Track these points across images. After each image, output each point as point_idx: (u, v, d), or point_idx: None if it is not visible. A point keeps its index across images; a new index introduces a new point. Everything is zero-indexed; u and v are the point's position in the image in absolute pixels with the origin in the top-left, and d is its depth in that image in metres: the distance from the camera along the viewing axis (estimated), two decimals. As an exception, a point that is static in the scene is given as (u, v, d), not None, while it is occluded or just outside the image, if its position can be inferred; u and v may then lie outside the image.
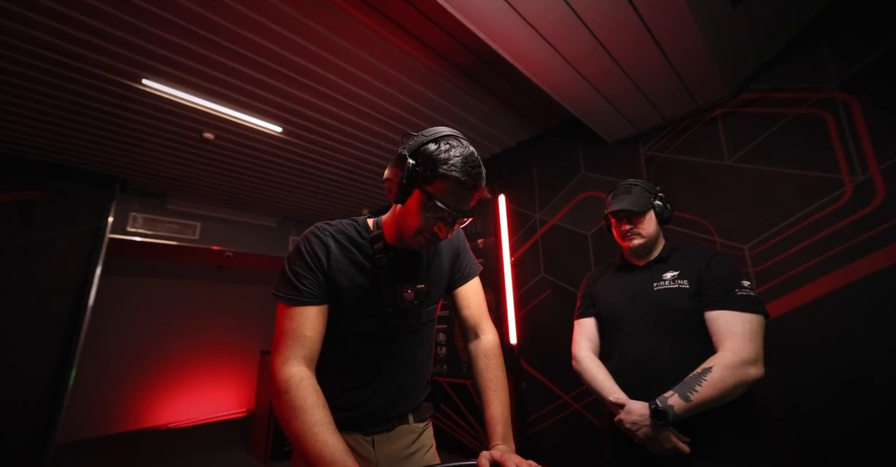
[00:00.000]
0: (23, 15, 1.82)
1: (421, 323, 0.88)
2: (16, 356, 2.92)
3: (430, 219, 0.75)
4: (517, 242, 3.13)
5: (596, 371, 1.10)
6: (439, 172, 0.71)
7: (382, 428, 0.84)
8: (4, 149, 3.06)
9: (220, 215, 4.26)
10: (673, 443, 0.90)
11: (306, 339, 0.74)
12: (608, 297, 1.20)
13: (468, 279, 0.95)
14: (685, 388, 0.90)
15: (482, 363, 0.87)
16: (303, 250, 0.80)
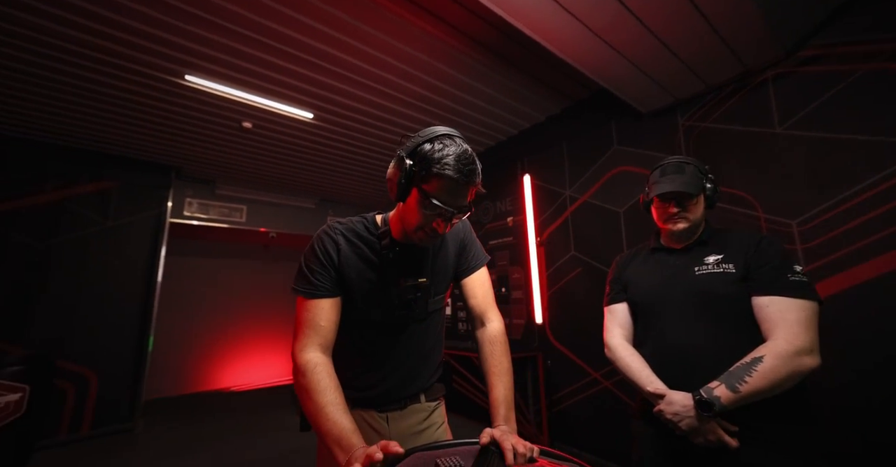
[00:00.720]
0: (87, 26, 2.00)
1: (428, 312, 0.94)
2: (106, 326, 3.39)
3: (429, 215, 0.79)
4: (546, 220, 3.09)
5: (631, 359, 1.05)
6: (433, 171, 0.75)
7: (395, 406, 0.91)
8: (82, 146, 3.43)
9: (264, 198, 4.54)
10: (718, 436, 0.85)
11: (321, 328, 0.82)
12: (643, 282, 1.13)
13: (474, 270, 0.99)
14: (733, 379, 0.85)
15: (487, 350, 0.92)
16: (316, 248, 0.87)
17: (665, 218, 1.11)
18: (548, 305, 2.95)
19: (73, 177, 3.45)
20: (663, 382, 0.97)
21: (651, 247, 1.20)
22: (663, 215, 1.11)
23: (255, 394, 4.80)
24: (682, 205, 1.08)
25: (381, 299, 0.88)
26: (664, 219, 1.11)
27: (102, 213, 3.55)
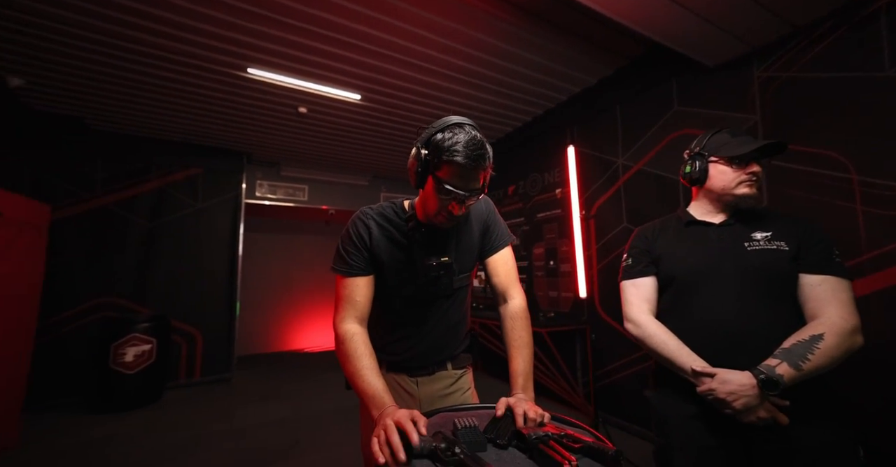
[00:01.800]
0: (173, 34, 2.27)
1: (454, 289, 1.00)
2: (204, 293, 4.00)
3: (444, 200, 0.85)
4: (596, 191, 2.96)
5: (666, 337, 1.00)
6: (444, 159, 0.81)
7: (425, 372, 1.01)
8: (174, 139, 3.92)
9: (322, 178, 4.86)
10: (771, 413, 0.84)
11: (357, 303, 0.93)
12: (682, 256, 1.06)
13: (497, 250, 1.03)
14: (795, 356, 0.83)
15: (509, 324, 0.98)
16: (350, 232, 0.97)
17: (739, 180, 1.01)
18: (597, 279, 2.90)
19: (170, 167, 3.99)
20: (708, 360, 0.93)
21: (684, 220, 1.12)
22: (737, 178, 1.01)
23: (323, 356, 5.39)
24: (762, 165, 1.03)
25: (409, 277, 0.96)
26: (736, 182, 1.01)
27: (192, 197, 4.08)
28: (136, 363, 3.14)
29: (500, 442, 0.68)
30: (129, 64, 2.57)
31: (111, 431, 2.72)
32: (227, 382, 3.96)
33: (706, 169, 1.07)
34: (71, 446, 2.49)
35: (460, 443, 0.63)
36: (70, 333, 3.35)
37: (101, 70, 2.64)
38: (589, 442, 0.66)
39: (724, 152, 1.04)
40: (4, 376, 2.42)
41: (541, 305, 3.49)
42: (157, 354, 3.27)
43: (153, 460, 2.27)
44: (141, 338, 3.20)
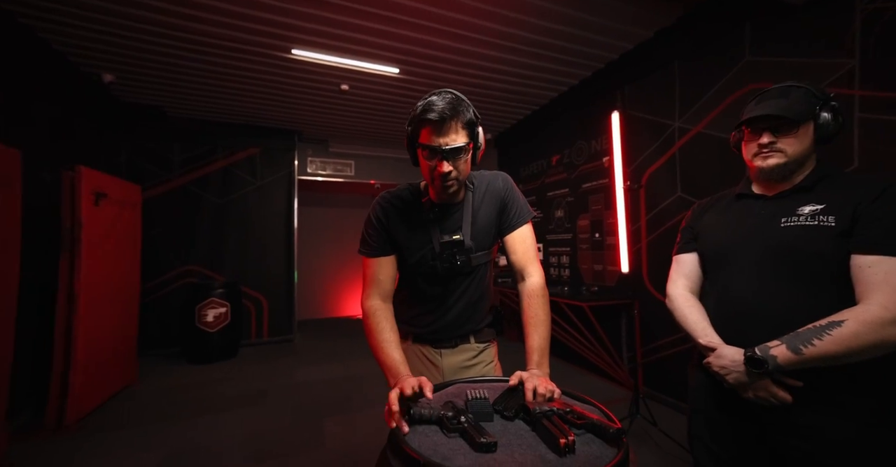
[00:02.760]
0: (226, 22, 2.39)
1: (473, 266, 1.01)
2: (267, 262, 4.41)
3: (429, 162, 0.88)
4: (648, 158, 2.75)
5: (689, 310, 1.00)
6: (417, 121, 0.87)
7: (448, 344, 1.06)
8: (235, 121, 4.22)
9: (368, 153, 4.99)
10: (771, 393, 0.81)
11: (380, 282, 1.00)
12: (715, 233, 1.01)
13: (515, 227, 1.03)
14: (798, 340, 0.78)
15: (526, 302, 0.99)
16: (370, 217, 1.03)
17: (754, 152, 0.93)
18: (646, 253, 2.75)
19: (232, 148, 4.33)
20: (724, 338, 0.92)
21: (736, 192, 1.04)
22: (752, 149, 0.94)
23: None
24: (778, 133, 0.90)
25: (427, 255, 1.00)
26: (752, 154, 0.94)
27: (253, 175, 4.41)
28: (215, 323, 3.61)
29: (507, 415, 0.72)
30: (195, 54, 2.78)
31: (202, 378, 3.21)
32: (290, 343, 4.42)
33: (740, 137, 0.99)
34: (174, 387, 3.00)
35: (467, 413, 0.68)
36: (164, 295, 3.91)
37: (175, 62, 2.89)
38: (593, 420, 0.68)
39: (742, 118, 0.94)
40: (125, 326, 2.95)
41: (584, 279, 3.41)
42: (231, 316, 3.72)
43: (233, 405, 2.67)
44: (218, 301, 3.65)
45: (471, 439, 0.61)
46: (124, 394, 2.86)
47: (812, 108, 0.89)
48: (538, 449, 0.61)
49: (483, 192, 1.03)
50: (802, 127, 0.89)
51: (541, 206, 4.05)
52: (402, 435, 0.63)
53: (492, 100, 3.67)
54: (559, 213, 3.76)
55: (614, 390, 2.91)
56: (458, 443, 0.62)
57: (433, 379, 1.03)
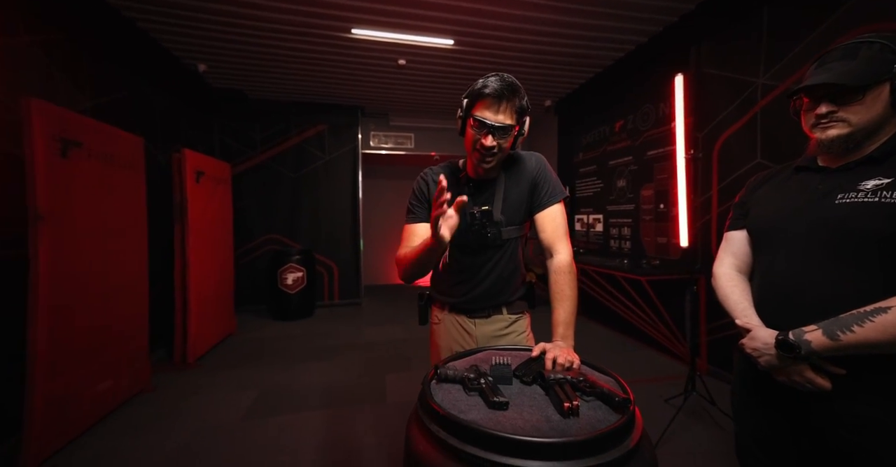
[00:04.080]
0: (287, 7, 2.56)
1: (503, 240, 1.07)
2: (337, 231, 4.83)
3: (476, 134, 0.95)
4: (723, 121, 2.47)
5: (731, 290, 0.96)
6: (475, 95, 0.95)
7: (482, 314, 1.13)
8: (304, 100, 4.53)
9: (427, 125, 5.06)
10: (807, 378, 0.78)
11: (414, 241, 1.08)
12: (764, 208, 0.95)
13: (546, 206, 1.07)
14: (836, 325, 0.74)
15: (553, 278, 1.04)
16: (414, 189, 1.15)
17: (812, 123, 0.84)
18: (716, 225, 2.54)
19: (303, 125, 4.68)
20: (765, 320, 0.89)
21: (796, 164, 0.94)
22: (810, 119, 0.85)
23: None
24: (839, 101, 0.79)
25: (462, 225, 1.04)
26: (811, 125, 0.85)
27: (321, 150, 4.75)
28: (294, 285, 4.11)
29: (525, 380, 0.80)
30: (269, 40, 3.02)
31: (285, 332, 3.73)
32: (358, 305, 4.88)
33: (800, 104, 0.88)
34: (263, 338, 3.55)
35: (487, 376, 0.77)
36: (252, 259, 4.52)
37: (252, 49, 3.17)
38: (604, 389, 0.73)
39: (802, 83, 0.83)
40: (224, 284, 3.51)
41: (647, 251, 3.25)
42: (307, 280, 4.20)
43: (309, 357, 3.10)
44: (295, 266, 4.13)
45: (486, 398, 0.71)
46: (227, 341, 3.45)
47: (888, 66, 0.76)
48: (546, 411, 0.69)
49: (517, 171, 1.08)
50: (872, 91, 0.77)
51: (601, 176, 3.85)
52: (429, 392, 0.75)
53: (550, 65, 3.48)
54: (621, 183, 3.55)
55: (673, 366, 2.84)
56: (475, 401, 0.72)
57: (467, 346, 1.13)
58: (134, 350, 2.40)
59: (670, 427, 1.93)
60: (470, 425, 0.60)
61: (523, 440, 0.57)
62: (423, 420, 0.68)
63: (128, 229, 2.39)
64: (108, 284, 2.18)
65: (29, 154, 1.75)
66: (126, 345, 2.32)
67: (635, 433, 0.66)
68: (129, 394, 2.34)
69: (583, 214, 4.21)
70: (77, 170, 1.99)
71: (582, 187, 4.23)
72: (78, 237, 1.97)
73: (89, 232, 2.06)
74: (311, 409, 2.24)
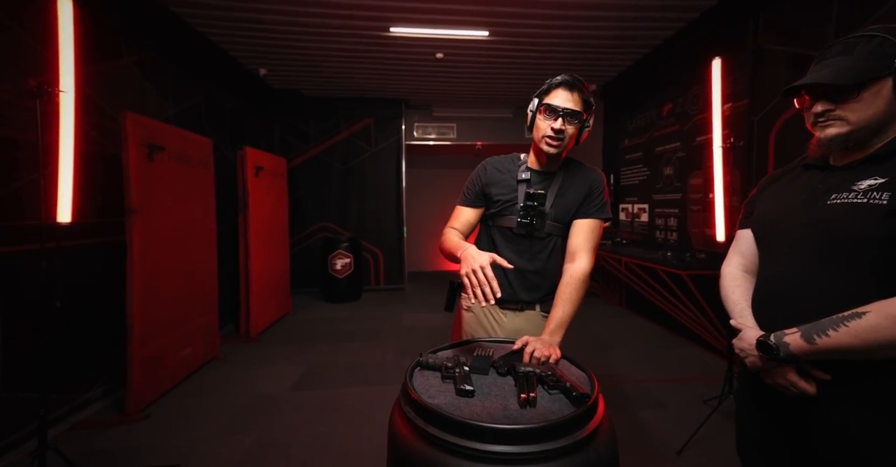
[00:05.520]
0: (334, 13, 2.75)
1: (546, 232, 1.12)
2: (382, 219, 5.09)
3: (546, 120, 1.05)
4: (780, 105, 2.23)
5: (732, 290, 0.97)
6: (549, 86, 1.06)
7: (514, 307, 1.16)
8: (351, 95, 4.78)
9: (468, 115, 5.08)
10: (790, 381, 0.78)
11: (459, 223, 1.20)
12: (768, 206, 0.93)
13: (590, 216, 1.12)
14: (814, 329, 0.74)
15: (565, 280, 1.08)
16: (472, 176, 1.23)
17: (811, 121, 0.81)
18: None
19: (351, 119, 4.94)
20: (760, 321, 0.88)
21: (804, 162, 0.91)
22: (809, 117, 0.81)
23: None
24: (836, 100, 0.75)
25: (510, 207, 1.15)
26: (811, 122, 0.82)
27: (368, 142, 4.99)
28: (343, 271, 4.45)
29: (500, 371, 0.88)
30: (319, 42, 3.24)
31: (334, 314, 4.09)
32: (402, 291, 5.15)
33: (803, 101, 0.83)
34: (315, 318, 3.92)
35: (463, 366, 0.86)
36: (307, 246, 4.94)
37: (305, 51, 3.42)
38: (567, 384, 0.79)
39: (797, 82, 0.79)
40: (281, 268, 3.92)
41: (694, 243, 3.06)
42: (354, 266, 4.51)
43: (354, 337, 3.38)
44: (343, 253, 4.45)
45: (456, 385, 0.80)
46: (283, 320, 3.87)
47: (888, 61, 0.71)
48: (507, 401, 0.77)
49: (577, 175, 1.15)
50: (870, 88, 0.72)
51: (648, 163, 3.65)
52: (410, 376, 0.86)
53: (592, 49, 3.33)
54: (668, 171, 3.34)
55: (718, 364, 2.69)
56: (447, 388, 0.81)
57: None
58: (207, 323, 2.81)
59: (705, 429, 1.87)
60: (431, 407, 0.70)
61: (472, 423, 0.66)
62: (400, 400, 0.80)
63: (200, 219, 2.77)
64: (185, 266, 2.57)
65: (125, 158, 2.11)
66: (201, 318, 2.73)
67: (589, 425, 0.71)
68: (204, 360, 2.76)
69: (628, 204, 4.03)
70: (160, 170, 2.34)
71: (627, 175, 4.03)
72: (160, 226, 2.34)
73: (169, 222, 2.43)
74: (349, 386, 2.48)
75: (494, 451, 0.64)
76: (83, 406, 2.12)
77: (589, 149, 5.03)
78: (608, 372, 2.64)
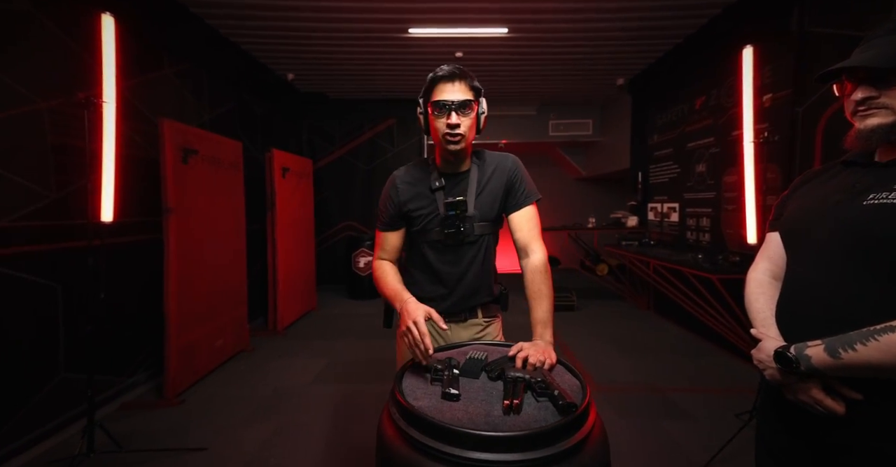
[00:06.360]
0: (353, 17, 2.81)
1: (476, 235, 1.08)
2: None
3: (439, 118, 0.99)
4: (829, 94, 2.03)
5: (756, 297, 0.90)
6: (428, 83, 1.01)
7: (457, 318, 1.14)
8: (376, 97, 4.88)
9: (490, 113, 4.95)
10: (815, 398, 0.71)
11: (386, 250, 1.14)
12: (798, 207, 0.86)
13: (522, 207, 1.09)
14: (840, 342, 0.67)
15: (529, 277, 1.06)
16: (383, 196, 1.13)
17: (851, 110, 0.74)
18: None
19: (375, 120, 5.04)
20: (784, 332, 0.82)
21: (844, 159, 0.83)
22: (849, 105, 0.75)
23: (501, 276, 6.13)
24: (880, 86, 0.68)
25: (434, 220, 1.09)
26: (850, 111, 0.75)
27: (391, 143, 5.07)
28: (366, 269, 4.55)
29: (491, 376, 0.88)
30: (341, 46, 3.33)
31: (356, 311, 4.20)
32: (425, 288, 5.19)
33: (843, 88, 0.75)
34: (339, 314, 4.05)
35: (452, 369, 0.86)
36: (333, 244, 5.09)
37: (328, 55, 3.53)
38: (554, 392, 0.77)
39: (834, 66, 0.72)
40: (307, 266, 4.06)
41: (728, 245, 2.89)
42: (377, 264, 4.60)
43: (374, 335, 3.45)
44: (366, 251, 4.55)
45: (442, 389, 0.80)
46: (309, 315, 4.01)
47: None
48: (492, 406, 0.76)
49: (492, 168, 1.09)
50: None
51: (678, 160, 3.47)
52: (399, 378, 0.87)
53: (619, 41, 3.20)
54: (701, 168, 3.17)
55: (752, 375, 2.53)
56: (433, 390, 0.82)
57: None
58: (237, 317, 2.96)
59: (735, 445, 1.76)
60: (412, 409, 0.71)
61: (449, 427, 0.66)
62: (389, 400, 0.81)
63: (230, 218, 2.93)
64: (217, 263, 2.72)
65: (162, 161, 2.26)
66: (231, 312, 2.89)
67: (576, 436, 0.70)
68: (234, 352, 2.92)
69: (656, 203, 3.85)
70: (193, 172, 2.49)
71: (656, 172, 3.86)
72: (194, 224, 2.49)
73: (202, 220, 2.58)
74: (367, 382, 2.54)
75: (471, 458, 0.63)
76: (130, 388, 2.32)
77: (615, 147, 4.86)
78: (632, 378, 2.55)
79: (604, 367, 2.70)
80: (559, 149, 6.14)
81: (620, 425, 2.01)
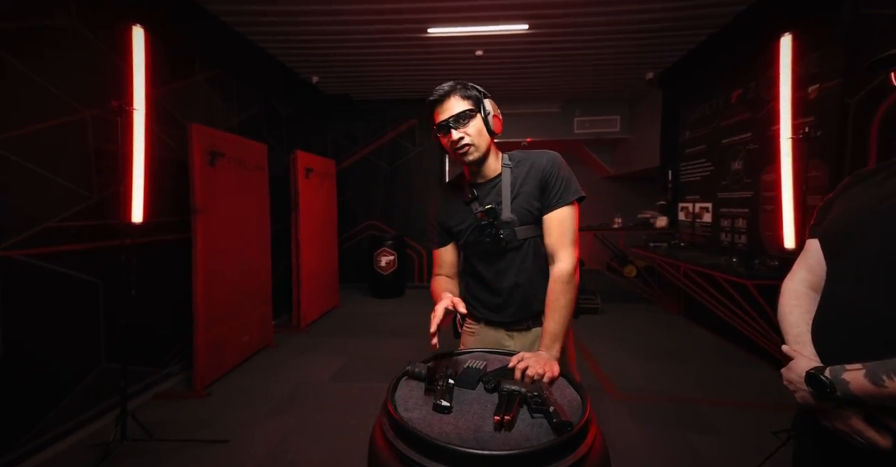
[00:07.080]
0: (372, 19, 2.83)
1: (520, 239, 1.05)
2: (424, 219, 5.08)
3: (444, 138, 1.01)
4: (886, 84, 1.85)
5: (790, 309, 0.83)
6: (427, 109, 1.03)
7: (520, 327, 1.11)
8: (398, 97, 4.91)
9: (513, 111, 4.93)
10: (854, 428, 0.63)
11: (442, 265, 1.18)
12: (843, 211, 0.78)
13: (554, 208, 1.02)
14: (884, 368, 0.59)
15: (550, 287, 1.01)
16: (429, 215, 1.20)
17: None
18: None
19: (397, 121, 5.07)
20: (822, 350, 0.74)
21: None
22: None
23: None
24: None
25: (473, 231, 1.08)
26: None
27: (412, 143, 5.09)
28: (387, 268, 4.60)
29: (487, 387, 0.85)
30: (364, 48, 3.37)
31: (378, 309, 4.25)
32: (446, 288, 5.18)
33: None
34: (360, 313, 4.11)
35: (447, 378, 0.84)
36: (355, 243, 5.17)
37: (350, 57, 3.59)
38: (550, 409, 0.73)
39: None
40: (330, 264, 4.15)
41: (767, 248, 2.69)
42: (398, 263, 4.64)
43: (394, 334, 3.48)
44: (388, 250, 4.60)
45: (434, 400, 0.78)
46: (331, 313, 4.10)
47: None
48: (484, 421, 0.73)
49: (527, 169, 1.05)
50: None
51: (711, 157, 3.28)
52: (393, 386, 0.86)
53: (647, 33, 3.05)
54: (736, 165, 2.97)
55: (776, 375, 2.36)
56: (427, 401, 0.80)
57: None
58: (262, 313, 3.07)
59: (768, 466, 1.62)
60: (399, 421, 0.70)
61: (431, 441, 0.63)
62: (380, 409, 0.80)
63: (255, 218, 3.03)
64: (242, 261, 2.83)
65: (191, 164, 2.37)
66: (256, 308, 2.99)
67: (569, 458, 0.66)
68: (259, 347, 3.02)
69: (688, 203, 3.65)
70: (220, 174, 2.59)
71: (687, 171, 3.66)
72: (221, 224, 2.60)
73: (228, 220, 2.68)
74: (385, 380, 2.54)
75: (454, 474, 0.62)
76: (163, 379, 2.45)
77: (644, 144, 4.66)
78: (657, 387, 2.43)
79: (627, 374, 2.59)
80: (585, 147, 5.95)
81: (642, 437, 1.92)
